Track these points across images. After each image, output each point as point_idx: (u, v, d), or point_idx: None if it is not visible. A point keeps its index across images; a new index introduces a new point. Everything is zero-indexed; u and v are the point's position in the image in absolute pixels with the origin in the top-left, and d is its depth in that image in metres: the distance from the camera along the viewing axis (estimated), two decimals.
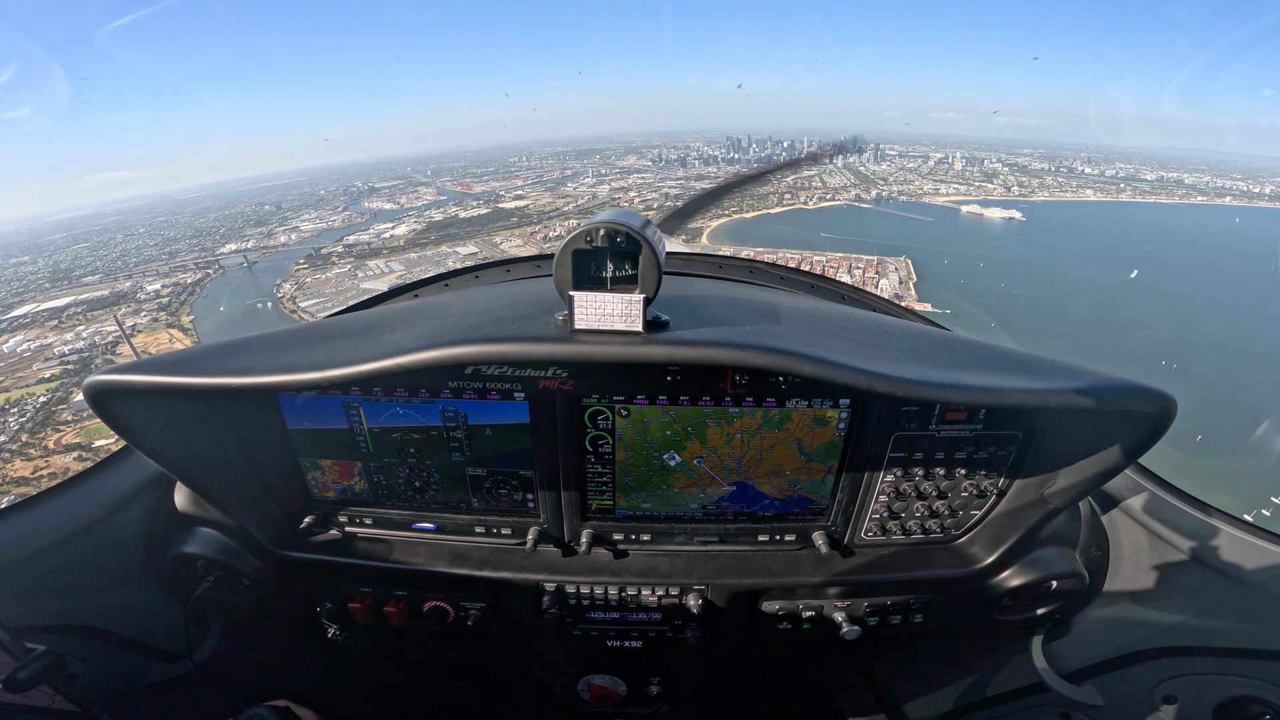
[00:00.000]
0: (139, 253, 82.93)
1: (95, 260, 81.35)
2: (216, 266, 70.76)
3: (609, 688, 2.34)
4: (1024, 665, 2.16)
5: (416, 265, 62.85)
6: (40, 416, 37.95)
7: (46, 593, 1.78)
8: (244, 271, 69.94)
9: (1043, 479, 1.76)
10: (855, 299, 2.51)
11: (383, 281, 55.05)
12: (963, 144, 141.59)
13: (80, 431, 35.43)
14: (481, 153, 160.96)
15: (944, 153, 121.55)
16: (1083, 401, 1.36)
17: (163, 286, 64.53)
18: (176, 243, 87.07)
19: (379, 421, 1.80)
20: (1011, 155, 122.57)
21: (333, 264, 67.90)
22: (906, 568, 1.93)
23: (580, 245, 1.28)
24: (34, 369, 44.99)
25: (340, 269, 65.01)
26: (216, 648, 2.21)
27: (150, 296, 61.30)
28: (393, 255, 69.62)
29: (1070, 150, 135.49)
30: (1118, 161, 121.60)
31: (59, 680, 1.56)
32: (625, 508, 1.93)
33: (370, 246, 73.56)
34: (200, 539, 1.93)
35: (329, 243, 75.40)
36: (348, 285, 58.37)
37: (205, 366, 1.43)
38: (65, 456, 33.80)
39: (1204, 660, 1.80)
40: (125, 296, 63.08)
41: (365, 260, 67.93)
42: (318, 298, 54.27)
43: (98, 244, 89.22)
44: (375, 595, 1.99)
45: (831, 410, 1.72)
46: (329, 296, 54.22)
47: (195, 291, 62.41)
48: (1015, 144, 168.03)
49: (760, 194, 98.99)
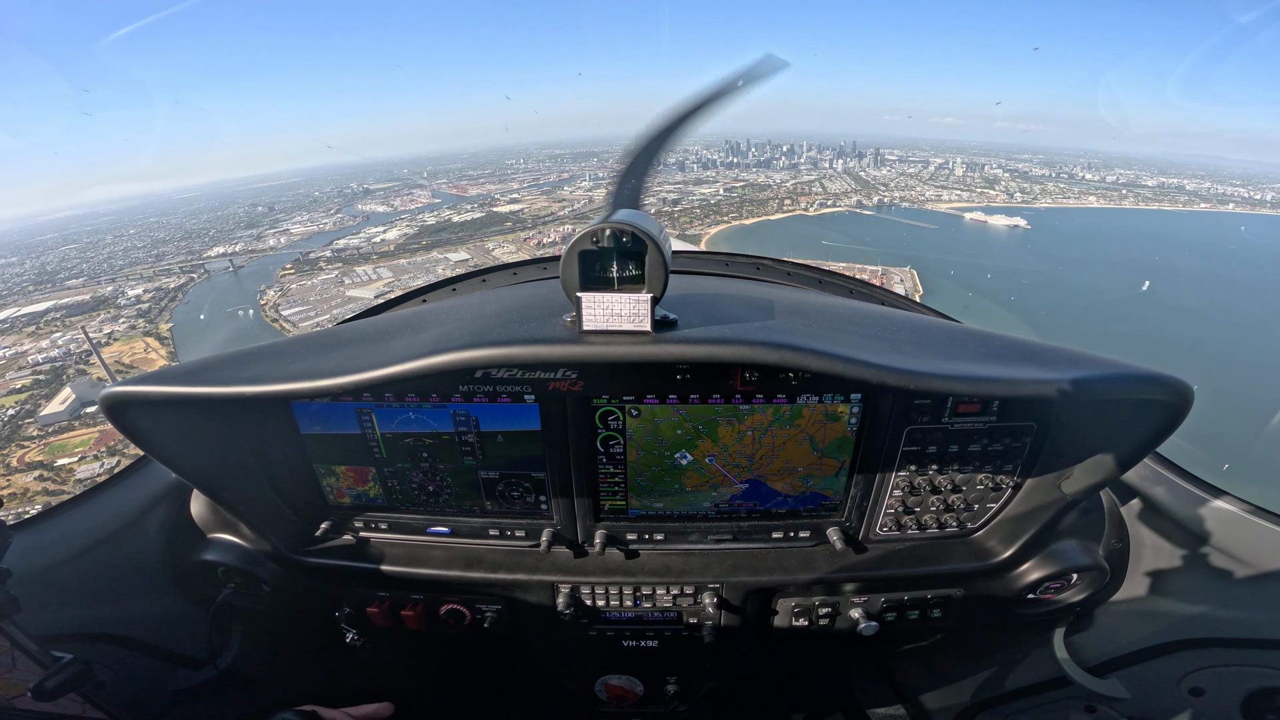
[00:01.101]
0: (126, 255, 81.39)
1: (82, 262, 79.86)
2: (202, 271, 69.06)
3: (626, 688, 2.32)
4: (1046, 658, 2.15)
5: (405, 272, 61.11)
6: (5, 431, 36.11)
7: (70, 602, 1.79)
8: (229, 276, 68.20)
9: (1059, 471, 1.73)
10: (863, 293, 2.50)
11: (369, 289, 53.24)
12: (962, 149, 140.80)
13: (44, 448, 33.64)
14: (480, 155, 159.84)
15: (944, 158, 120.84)
16: (1097, 391, 1.35)
17: (144, 291, 62.80)
18: (165, 245, 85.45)
19: (391, 427, 1.80)
20: (1011, 160, 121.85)
21: (320, 269, 66.15)
22: (923, 562, 1.90)
23: (586, 246, 1.28)
24: (5, 378, 43.14)
25: (327, 275, 63.21)
26: (239, 654, 2.22)
27: (130, 302, 59.57)
28: (382, 260, 68.05)
29: (1070, 156, 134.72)
30: (1117, 167, 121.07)
31: (87, 688, 1.55)
32: (638, 508, 1.93)
33: (359, 251, 71.95)
34: (219, 546, 1.95)
35: (318, 247, 73.71)
36: (333, 293, 56.60)
37: (218, 376, 1.45)
38: (26, 476, 32.01)
39: (1230, 651, 1.76)
40: (105, 301, 61.35)
41: (353, 266, 66.31)
42: (301, 306, 52.50)
43: (87, 245, 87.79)
44: (392, 599, 2.00)
45: (843, 405, 1.70)
46: (313, 305, 52.42)
47: (177, 297, 60.69)
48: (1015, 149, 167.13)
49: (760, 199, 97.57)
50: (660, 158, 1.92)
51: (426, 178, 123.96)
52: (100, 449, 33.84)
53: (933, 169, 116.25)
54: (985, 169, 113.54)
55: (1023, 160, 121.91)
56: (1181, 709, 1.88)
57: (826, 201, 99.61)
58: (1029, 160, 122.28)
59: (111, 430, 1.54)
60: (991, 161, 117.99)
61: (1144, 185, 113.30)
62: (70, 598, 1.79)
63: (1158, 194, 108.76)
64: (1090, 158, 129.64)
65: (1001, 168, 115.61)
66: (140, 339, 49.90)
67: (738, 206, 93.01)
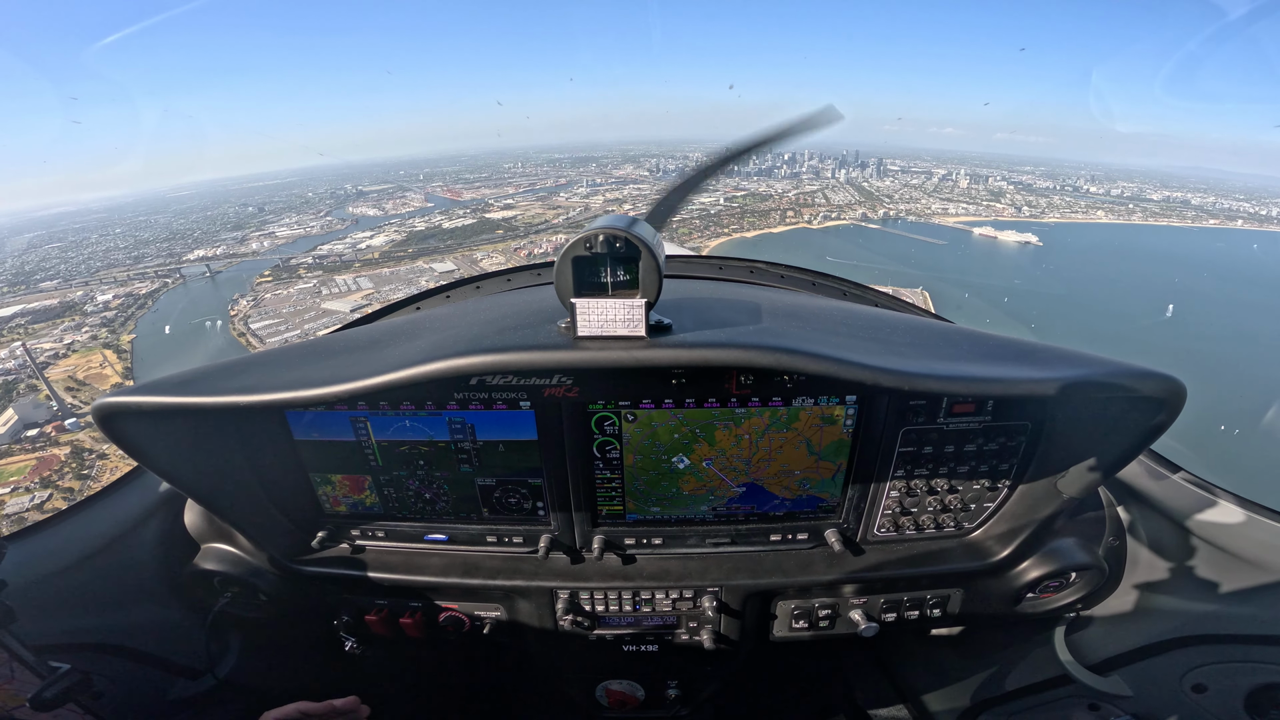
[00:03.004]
0: (106, 256, 78.23)
1: (61, 263, 76.83)
2: (177, 275, 65.87)
3: (627, 693, 2.30)
4: (1047, 657, 2.15)
5: (387, 282, 57.92)
6: None
7: (67, 612, 1.79)
8: (206, 282, 65.09)
9: (1055, 469, 1.72)
10: (857, 295, 2.49)
11: (347, 301, 50.02)
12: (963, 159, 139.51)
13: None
14: (478, 157, 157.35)
15: (947, 169, 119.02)
16: (1091, 388, 1.35)
17: (114, 297, 59.67)
18: (148, 245, 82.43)
19: (387, 435, 1.80)
20: (1014, 173, 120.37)
21: (299, 277, 62.97)
22: (921, 563, 1.89)
23: (580, 252, 1.28)
24: None
25: (305, 284, 59.96)
26: (237, 663, 2.21)
27: (98, 309, 56.36)
28: (364, 269, 64.89)
29: (1071, 167, 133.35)
30: (1120, 180, 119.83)
31: (85, 698, 1.55)
32: (635, 512, 1.92)
33: (342, 258, 68.74)
34: (216, 555, 1.94)
35: (300, 252, 70.58)
36: (308, 304, 53.40)
37: (212, 386, 1.44)
38: None
39: (1232, 648, 1.76)
40: (73, 307, 58.17)
41: (333, 274, 62.99)
42: (272, 319, 49.19)
43: (70, 244, 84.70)
44: (391, 607, 1.99)
45: (838, 407, 1.71)
46: (285, 318, 49.12)
47: (147, 304, 57.53)
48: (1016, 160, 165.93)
49: (761, 210, 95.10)
50: (698, 190, 1.97)
51: (422, 180, 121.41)
52: (34, 479, 30.86)
53: (936, 180, 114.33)
54: (990, 181, 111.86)
55: (1025, 172, 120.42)
56: (1185, 705, 1.87)
57: (830, 214, 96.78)
58: (1031, 172, 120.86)
59: (49, 458, 1.54)
60: (995, 173, 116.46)
61: (1149, 199, 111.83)
62: (67, 608, 1.78)
63: (1165, 209, 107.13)
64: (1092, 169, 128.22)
65: (1005, 180, 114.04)
66: (100, 350, 46.50)
67: (739, 218, 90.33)
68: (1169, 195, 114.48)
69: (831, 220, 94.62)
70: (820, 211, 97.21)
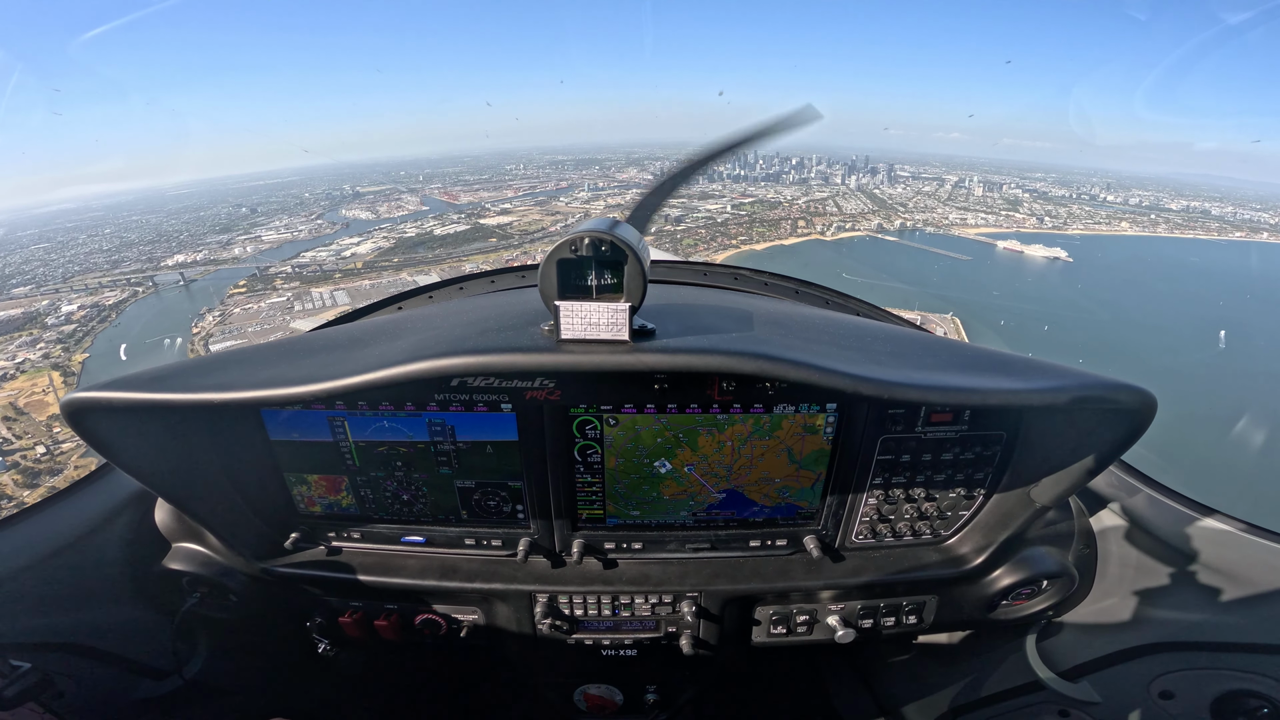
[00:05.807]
0: (86, 260, 74.32)
1: (42, 266, 72.92)
2: (150, 283, 61.81)
3: (605, 697, 2.30)
4: (1020, 664, 2.17)
5: (367, 296, 53.68)
6: None
7: (30, 611, 1.76)
8: (179, 291, 61.06)
9: (1029, 478, 1.75)
10: (839, 304, 2.52)
11: (319, 319, 46.00)
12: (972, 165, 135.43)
13: None
14: (480, 158, 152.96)
15: (958, 175, 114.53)
16: (1065, 399, 1.38)
17: (79, 308, 55.62)
18: (130, 248, 78.43)
19: (365, 435, 1.77)
20: (1026, 179, 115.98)
21: (274, 289, 58.93)
22: (897, 569, 1.91)
23: (565, 255, 1.28)
24: None
25: (278, 298, 55.89)
26: (206, 664, 2.17)
27: (60, 320, 52.38)
28: (344, 280, 60.92)
29: (1081, 173, 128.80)
30: (1136, 189, 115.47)
31: (46, 697, 1.54)
32: (616, 516, 1.92)
33: (323, 268, 64.78)
34: (185, 555, 1.91)
35: (281, 260, 66.55)
36: (278, 321, 49.36)
37: (186, 382, 1.42)
38: None
39: (1199, 655, 1.79)
40: (35, 319, 54.17)
41: (311, 285, 58.93)
42: (235, 338, 45.11)
43: (55, 245, 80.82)
44: (366, 609, 1.96)
45: (819, 415, 1.72)
46: (249, 338, 45.10)
47: (110, 316, 53.56)
48: (1025, 167, 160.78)
49: (771, 219, 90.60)
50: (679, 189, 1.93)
51: (421, 181, 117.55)
52: None
53: (949, 188, 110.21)
54: (1004, 188, 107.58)
55: (1037, 179, 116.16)
56: (1152, 712, 1.90)
57: (844, 224, 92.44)
58: (1044, 179, 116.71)
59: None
60: (1008, 180, 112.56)
61: (1169, 209, 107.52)
62: (30, 607, 1.75)
63: (1187, 220, 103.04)
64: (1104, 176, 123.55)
65: (1020, 187, 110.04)
66: (46, 373, 42.50)
67: (747, 227, 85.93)
68: (1188, 205, 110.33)
69: (845, 231, 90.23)
70: (833, 221, 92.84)
